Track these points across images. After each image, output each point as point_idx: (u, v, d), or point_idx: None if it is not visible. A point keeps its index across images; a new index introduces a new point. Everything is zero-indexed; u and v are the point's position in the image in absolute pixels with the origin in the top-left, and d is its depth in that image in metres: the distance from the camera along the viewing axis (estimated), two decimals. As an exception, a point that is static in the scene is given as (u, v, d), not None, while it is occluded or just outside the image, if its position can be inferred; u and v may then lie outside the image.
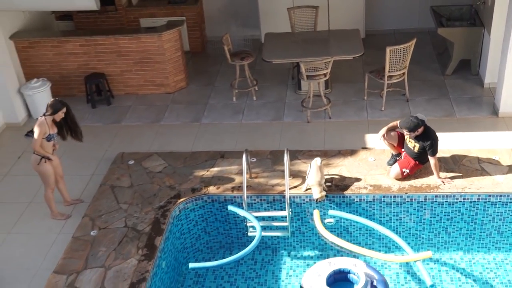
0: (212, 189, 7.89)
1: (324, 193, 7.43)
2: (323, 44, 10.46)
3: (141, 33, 10.77)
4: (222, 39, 10.38)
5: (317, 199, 7.41)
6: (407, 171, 7.70)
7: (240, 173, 8.07)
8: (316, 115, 9.87)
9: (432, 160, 7.58)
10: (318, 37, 10.82)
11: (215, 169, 8.33)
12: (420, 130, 7.45)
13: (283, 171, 7.91)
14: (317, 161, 7.54)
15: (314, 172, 7.47)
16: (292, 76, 11.22)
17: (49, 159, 7.67)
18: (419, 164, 7.77)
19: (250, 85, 10.67)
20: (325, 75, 9.63)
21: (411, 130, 7.42)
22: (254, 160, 8.39)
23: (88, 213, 7.77)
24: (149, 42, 10.73)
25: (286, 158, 7.54)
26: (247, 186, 7.66)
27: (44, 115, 7.51)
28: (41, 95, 10.31)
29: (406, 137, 7.71)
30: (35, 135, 7.46)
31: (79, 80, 11.10)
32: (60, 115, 7.53)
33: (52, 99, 7.61)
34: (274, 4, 12.12)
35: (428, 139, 7.47)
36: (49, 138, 7.59)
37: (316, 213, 7.50)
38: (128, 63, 10.94)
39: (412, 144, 7.68)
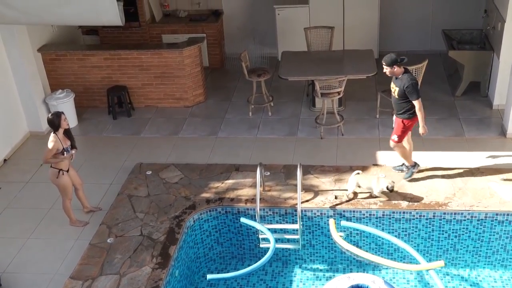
0: (226, 201, 7.83)
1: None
2: (337, 63, 10.40)
3: (163, 49, 10.76)
4: (240, 56, 10.35)
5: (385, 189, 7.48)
6: (396, 138, 7.74)
7: (253, 186, 8.01)
8: (329, 131, 9.77)
9: (416, 104, 7.46)
10: (333, 56, 10.76)
11: (230, 181, 8.27)
12: (398, 70, 7.44)
13: (295, 185, 7.83)
14: (354, 173, 7.65)
15: (370, 181, 7.55)
16: (307, 93, 11.13)
17: (63, 170, 7.62)
18: (407, 122, 7.66)
19: (266, 101, 10.59)
20: (338, 93, 9.53)
21: (388, 64, 7.42)
22: (268, 173, 8.33)
23: (105, 221, 7.71)
24: (170, 57, 10.70)
25: (299, 172, 7.45)
26: (260, 199, 7.59)
27: (54, 132, 7.46)
28: (65, 105, 10.30)
29: (392, 85, 7.69)
30: (49, 147, 7.40)
31: (101, 92, 11.08)
32: (64, 124, 7.47)
33: (48, 117, 7.49)
34: (292, 24, 12.06)
35: (407, 81, 7.41)
36: (64, 152, 7.54)
37: (331, 222, 7.36)
38: (149, 77, 10.91)
39: (393, 90, 7.64)
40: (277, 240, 7.51)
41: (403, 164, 8.07)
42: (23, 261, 7.46)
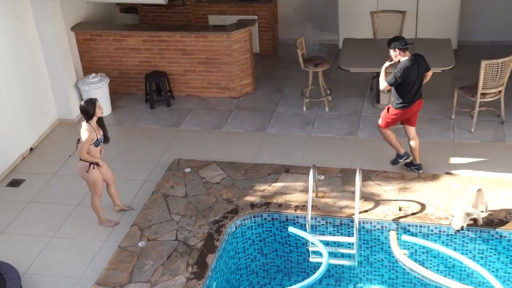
0: (273, 206, 7.80)
1: (462, 225, 7.05)
2: (408, 54, 10.18)
3: (209, 31, 10.80)
4: (296, 42, 10.28)
5: (456, 230, 7.08)
6: (379, 121, 8.47)
7: (305, 190, 7.96)
8: (394, 132, 9.57)
9: (383, 83, 8.20)
10: (403, 45, 10.55)
11: (278, 184, 8.24)
12: (401, 54, 8.02)
13: (353, 192, 7.74)
14: (473, 188, 7.15)
15: (469, 199, 7.09)
16: (371, 87, 10.99)
17: (97, 164, 7.68)
18: (392, 110, 8.31)
19: (323, 95, 10.50)
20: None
21: (388, 45, 8.09)
22: (322, 177, 8.27)
23: (137, 222, 7.77)
24: (216, 41, 10.73)
25: (358, 178, 7.36)
26: (312, 206, 7.52)
27: (87, 121, 7.50)
28: (99, 91, 10.43)
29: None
30: (81, 142, 7.46)
31: (139, 78, 11.20)
32: (98, 112, 7.52)
33: (81, 104, 7.54)
34: (356, 7, 11.93)
35: (399, 65, 8.02)
36: (97, 143, 7.61)
37: (392, 235, 7.23)
38: (192, 62, 10.96)
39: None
40: (330, 255, 7.43)
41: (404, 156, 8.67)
42: (46, 262, 7.58)
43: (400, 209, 7.57)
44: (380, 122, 8.53)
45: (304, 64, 10.32)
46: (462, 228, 7.05)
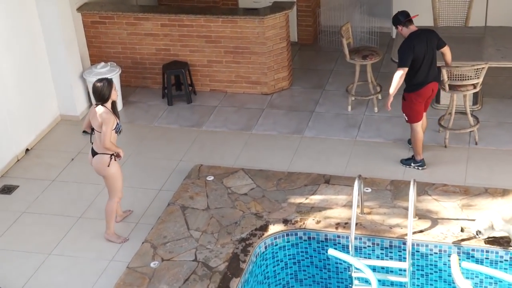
0: (310, 223, 7.78)
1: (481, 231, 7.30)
2: (476, 45, 10.19)
3: (239, 15, 10.80)
4: (341, 30, 10.23)
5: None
6: (405, 116, 8.84)
7: (348, 205, 7.93)
8: (457, 138, 9.53)
9: (396, 73, 8.50)
10: (470, 34, 10.56)
11: (317, 197, 8.22)
12: (405, 30, 8.55)
13: (406, 208, 7.67)
14: None
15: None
16: (429, 85, 10.88)
17: (119, 155, 7.71)
18: (407, 95, 8.70)
19: (372, 92, 10.42)
20: (474, 86, 9.26)
21: (392, 22, 8.71)
22: (369, 190, 8.25)
23: (149, 239, 7.77)
24: (247, 27, 10.72)
25: (412, 191, 7.31)
26: (356, 224, 7.50)
27: (102, 104, 7.52)
28: (108, 83, 10.46)
29: None
30: (104, 129, 7.45)
31: (155, 69, 11.23)
32: (114, 94, 7.55)
33: (96, 83, 7.52)
34: (414, -11, 11.83)
35: (399, 47, 8.58)
36: (117, 129, 7.63)
37: (454, 260, 7.12)
38: (218, 52, 10.97)
39: None
40: (378, 282, 7.32)
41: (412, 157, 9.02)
42: (42, 284, 7.59)
43: (462, 230, 7.50)
44: (407, 119, 8.85)
45: (350, 55, 10.25)
46: (478, 233, 7.29)
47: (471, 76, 9.17)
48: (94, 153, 7.72)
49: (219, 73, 11.14)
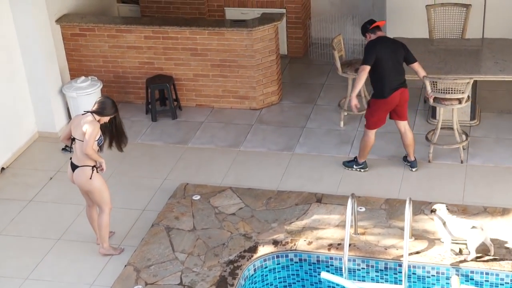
0: (301, 244, 7.78)
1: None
2: (473, 58, 10.22)
3: (226, 27, 10.82)
4: (333, 42, 10.28)
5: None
6: (365, 121, 9.15)
7: (341, 225, 7.95)
8: (454, 155, 9.58)
9: (358, 72, 8.98)
10: (467, 47, 10.60)
11: (308, 217, 8.23)
12: (371, 38, 8.92)
13: (402, 228, 7.68)
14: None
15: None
16: (425, 99, 10.87)
17: (101, 168, 7.74)
18: (372, 101, 9.04)
19: (365, 107, 10.39)
20: (459, 100, 9.28)
21: (361, 32, 9.13)
22: (363, 209, 8.27)
23: (132, 261, 7.74)
24: (235, 39, 10.75)
25: (408, 210, 7.31)
26: (350, 245, 7.50)
27: (91, 112, 7.57)
28: (89, 98, 10.41)
29: None
30: (88, 135, 7.47)
31: (138, 83, 11.24)
32: (105, 119, 7.64)
33: (103, 97, 7.69)
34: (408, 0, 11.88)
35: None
36: (100, 141, 7.68)
37: (455, 281, 7.11)
38: (204, 65, 10.99)
39: None
40: (372, 306, 7.39)
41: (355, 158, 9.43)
42: (18, 310, 7.58)
43: (461, 251, 7.52)
44: (365, 123, 9.19)
45: (342, 69, 10.29)
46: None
47: (458, 90, 9.20)
48: (74, 167, 7.71)
49: (205, 88, 11.15)
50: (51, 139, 10.55)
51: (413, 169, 9.31)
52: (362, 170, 9.37)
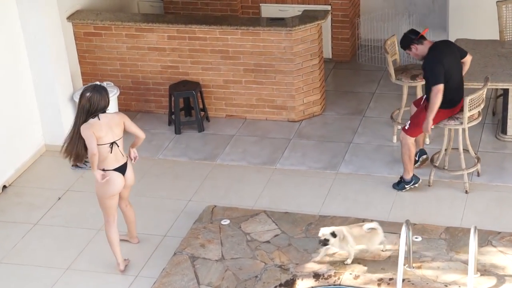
0: (346, 278, 7.76)
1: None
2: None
3: (261, 26, 10.85)
4: (386, 44, 10.27)
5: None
6: (408, 125, 9.20)
7: (394, 257, 7.89)
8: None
9: (432, 90, 8.81)
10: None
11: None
12: (421, 48, 9.02)
13: (465, 262, 7.63)
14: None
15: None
16: (493, 111, 10.86)
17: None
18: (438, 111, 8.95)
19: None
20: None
21: (401, 46, 9.25)
22: (419, 239, 8.24)
23: (151, 295, 7.77)
24: (271, 40, 10.78)
25: (472, 241, 7.26)
26: (403, 280, 7.48)
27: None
28: (103, 107, 10.51)
29: None
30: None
31: (160, 90, 11.30)
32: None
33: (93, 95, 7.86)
34: (474, -5, 11.87)
35: (426, 61, 8.99)
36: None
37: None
38: (236, 70, 11.01)
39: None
40: None
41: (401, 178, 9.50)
42: None
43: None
44: (407, 127, 9.24)
45: (396, 75, 10.24)
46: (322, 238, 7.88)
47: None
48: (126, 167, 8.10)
49: (237, 96, 11.18)
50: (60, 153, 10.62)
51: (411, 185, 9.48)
52: (416, 185, 9.42)
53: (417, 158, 9.66)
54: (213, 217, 8.84)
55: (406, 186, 9.39)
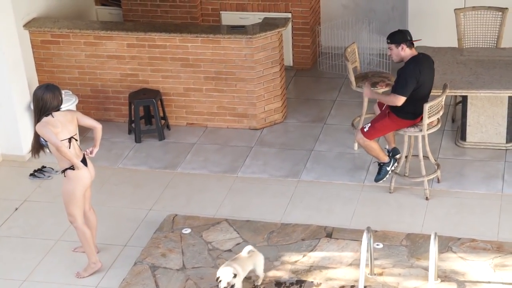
0: (308, 286, 7.76)
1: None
2: (510, 70, 10.17)
3: (222, 34, 10.87)
4: (346, 51, 10.32)
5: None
6: (367, 128, 9.16)
7: (355, 264, 7.94)
8: (487, 183, 9.60)
9: (391, 98, 8.96)
10: (503, 57, 10.57)
11: (317, 254, 8.25)
12: (408, 52, 8.97)
13: (426, 268, 7.70)
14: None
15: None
16: (453, 118, 10.97)
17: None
18: (395, 118, 9.09)
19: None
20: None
21: (391, 39, 9.07)
22: (380, 246, 8.29)
23: (111, 305, 7.74)
24: (232, 48, 10.81)
25: (433, 247, 7.32)
26: (365, 287, 7.46)
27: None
28: (62, 116, 10.47)
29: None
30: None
31: (120, 98, 11.29)
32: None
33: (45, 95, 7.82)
34: (433, 2, 11.94)
35: (403, 67, 8.95)
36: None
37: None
38: (197, 77, 11.03)
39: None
40: None
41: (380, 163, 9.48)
42: None
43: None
44: (367, 129, 9.21)
45: (356, 82, 10.31)
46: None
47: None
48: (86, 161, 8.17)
49: (198, 104, 11.19)
50: (17, 163, 10.56)
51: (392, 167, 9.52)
52: (395, 163, 9.46)
53: (391, 155, 9.61)
54: (174, 226, 8.84)
55: (388, 168, 9.43)
